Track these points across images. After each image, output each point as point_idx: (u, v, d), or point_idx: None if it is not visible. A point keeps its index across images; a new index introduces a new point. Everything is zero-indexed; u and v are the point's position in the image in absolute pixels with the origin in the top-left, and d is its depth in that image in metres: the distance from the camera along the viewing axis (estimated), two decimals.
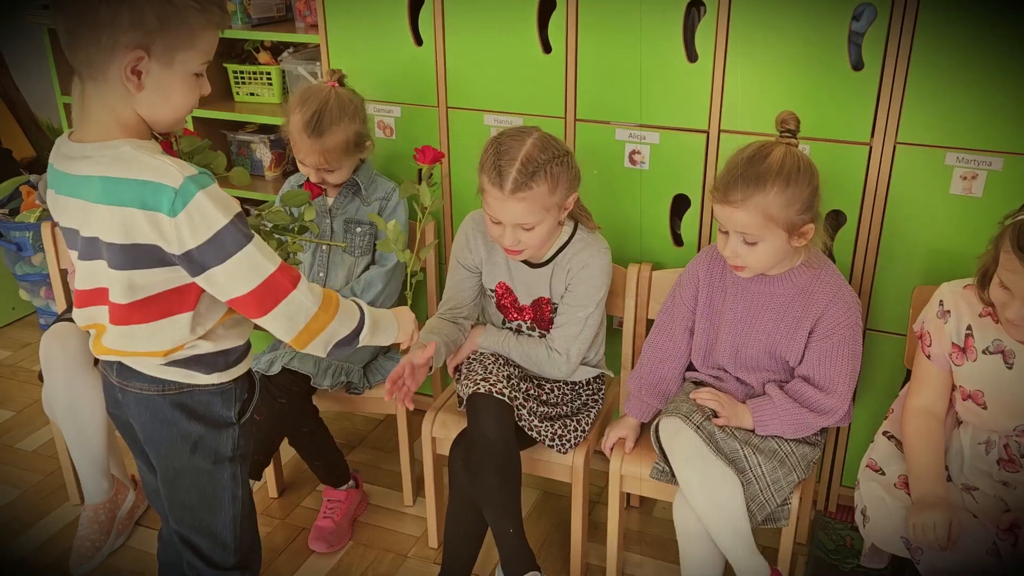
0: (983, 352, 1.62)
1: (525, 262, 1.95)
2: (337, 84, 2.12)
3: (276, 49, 2.86)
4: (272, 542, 2.23)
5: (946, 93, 1.83)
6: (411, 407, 1.89)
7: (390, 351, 2.27)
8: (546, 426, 1.90)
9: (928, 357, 1.70)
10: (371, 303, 2.17)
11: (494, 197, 1.78)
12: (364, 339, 1.42)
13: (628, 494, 2.02)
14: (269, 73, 2.79)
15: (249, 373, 1.50)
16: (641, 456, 1.92)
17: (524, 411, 1.87)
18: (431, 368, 1.90)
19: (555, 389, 1.99)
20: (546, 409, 1.93)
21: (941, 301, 1.69)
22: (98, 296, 1.34)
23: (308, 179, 2.16)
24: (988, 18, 1.75)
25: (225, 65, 2.81)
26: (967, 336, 1.64)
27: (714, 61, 1.98)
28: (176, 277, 1.29)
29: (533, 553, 1.87)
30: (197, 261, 1.25)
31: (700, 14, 1.99)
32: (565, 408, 1.98)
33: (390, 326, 1.50)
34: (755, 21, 1.92)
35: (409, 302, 1.84)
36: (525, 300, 1.99)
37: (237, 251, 1.25)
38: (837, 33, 1.86)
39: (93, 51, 1.21)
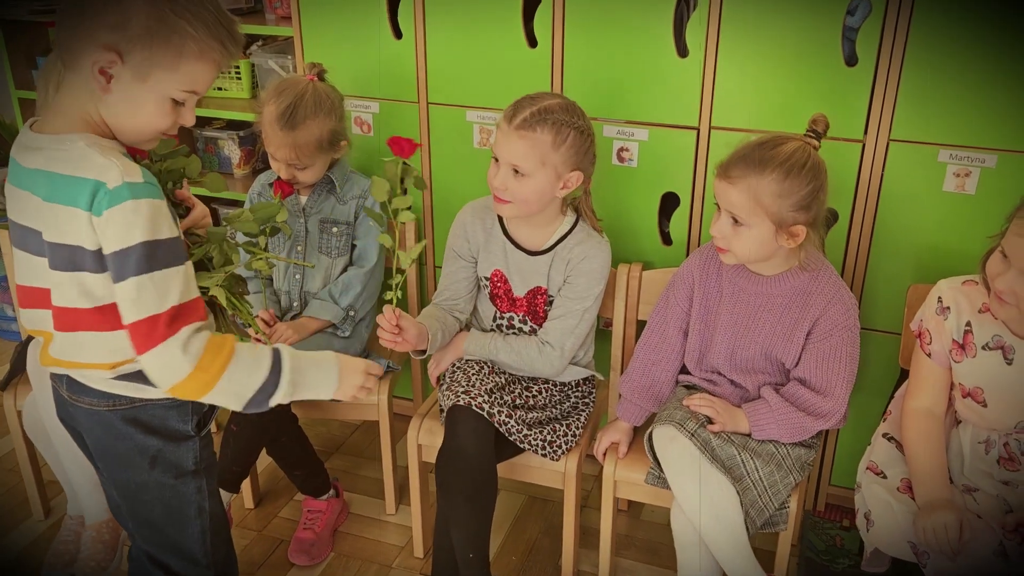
0: (983, 348, 1.61)
1: (524, 249, 1.91)
2: (316, 79, 2.04)
3: (245, 42, 2.76)
4: (249, 556, 2.14)
5: (940, 90, 1.81)
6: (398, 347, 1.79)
7: (371, 355, 2.19)
8: (535, 433, 1.85)
9: (928, 356, 1.68)
10: (350, 306, 2.09)
11: (501, 130, 1.78)
12: (281, 398, 1.28)
13: (617, 498, 1.98)
14: (238, 67, 2.69)
15: None
16: (634, 461, 1.88)
17: (511, 422, 1.81)
18: (425, 352, 1.86)
19: (543, 391, 1.93)
20: (534, 415, 1.87)
21: (940, 298, 1.67)
22: (39, 298, 1.28)
23: (278, 177, 2.07)
24: (983, 15, 1.73)
25: None
26: (966, 332, 1.63)
27: (705, 56, 1.94)
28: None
29: None
30: (111, 269, 1.20)
31: (690, 8, 1.95)
32: (554, 411, 1.93)
33: (325, 378, 1.34)
34: (747, 15, 1.88)
35: (395, 302, 1.76)
36: (519, 291, 1.94)
37: (131, 276, 1.18)
38: (831, 28, 1.83)
39: (72, 36, 1.18)
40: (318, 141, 2.00)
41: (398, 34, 2.20)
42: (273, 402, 1.28)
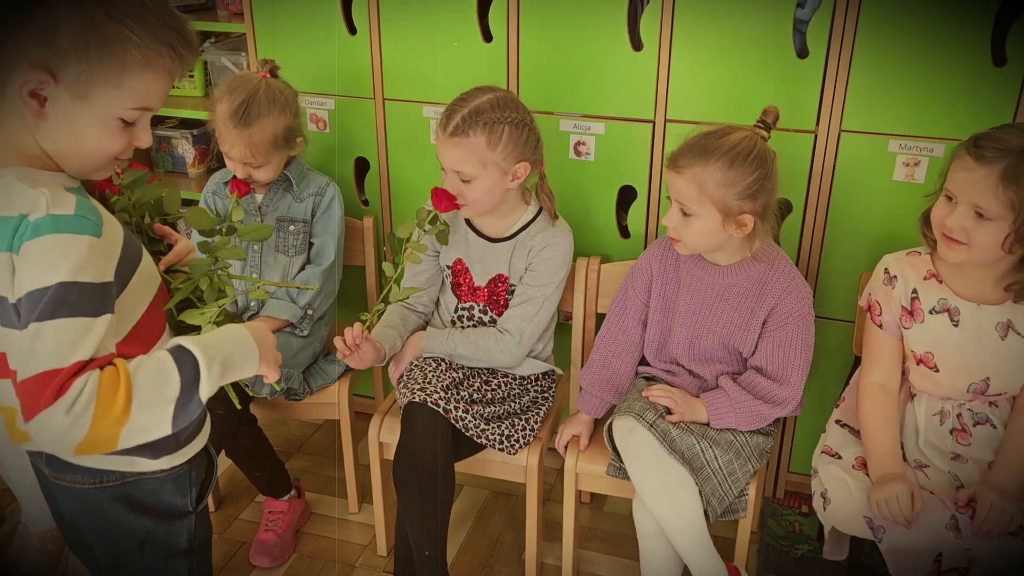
0: (930, 312, 1.66)
1: (485, 237, 1.91)
2: (269, 75, 2.01)
3: (198, 43, 2.72)
4: None
5: (889, 81, 1.84)
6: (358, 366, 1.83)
7: (331, 354, 2.18)
8: (493, 428, 1.85)
9: (880, 327, 1.72)
10: (308, 304, 2.08)
11: (439, 139, 1.79)
12: (207, 395, 1.08)
13: (579, 490, 1.99)
14: None
15: (206, 448, 1.30)
16: (596, 453, 1.89)
17: (468, 418, 1.81)
18: (385, 357, 1.88)
19: (502, 385, 1.93)
20: (492, 409, 1.87)
21: (886, 269, 1.72)
22: None
23: (234, 176, 2.05)
24: (929, 7, 1.76)
25: None
26: (913, 299, 1.68)
27: (659, 49, 1.96)
28: None
29: None
30: (17, 314, 1.00)
31: (644, 1, 1.96)
32: (513, 405, 1.93)
33: (246, 359, 1.16)
34: (700, 9, 1.90)
35: (367, 324, 1.76)
36: (480, 280, 1.94)
37: (30, 321, 0.98)
38: (782, 21, 1.86)
39: None
40: (273, 138, 1.98)
41: (352, 30, 2.18)
42: (203, 395, 1.08)
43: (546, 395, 2.01)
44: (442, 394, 1.80)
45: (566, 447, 1.91)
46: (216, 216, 1.79)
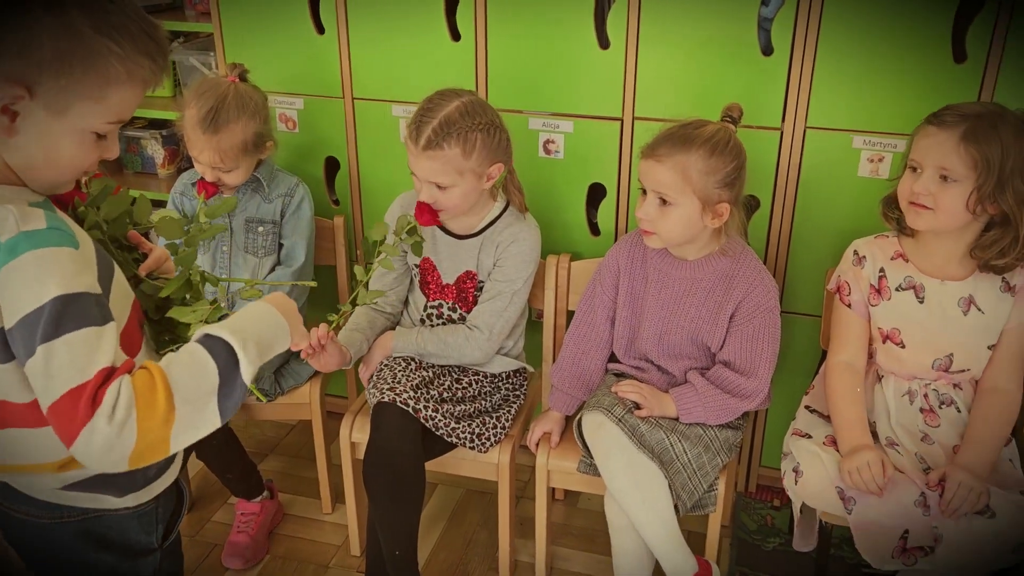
0: (896, 290, 1.71)
1: (452, 234, 1.91)
2: (238, 80, 2.00)
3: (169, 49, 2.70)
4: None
5: (852, 78, 1.86)
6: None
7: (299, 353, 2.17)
8: (463, 427, 1.85)
9: (849, 307, 1.76)
10: None
11: (410, 151, 1.78)
12: (251, 377, 1.05)
13: (553, 488, 1.99)
14: None
15: (176, 482, 1.24)
16: (567, 450, 1.89)
17: (438, 417, 1.81)
18: (351, 360, 1.88)
19: (473, 383, 1.93)
20: (463, 407, 1.87)
21: (855, 251, 1.77)
22: None
23: (202, 177, 2.03)
24: (892, 4, 1.78)
25: None
26: (881, 277, 1.73)
27: (626, 48, 1.97)
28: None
29: None
30: (18, 345, 0.96)
31: (611, 0, 1.97)
32: (484, 403, 1.93)
33: (277, 333, 1.12)
34: (666, 7, 1.91)
35: (334, 325, 1.75)
36: (449, 278, 1.94)
37: (40, 343, 0.94)
38: (747, 18, 1.87)
39: None
40: (243, 144, 1.97)
41: (320, 29, 2.18)
42: (246, 378, 1.03)
43: (517, 392, 2.01)
44: (412, 393, 1.80)
45: (537, 444, 1.92)
46: (184, 218, 1.78)
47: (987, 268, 1.64)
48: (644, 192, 1.73)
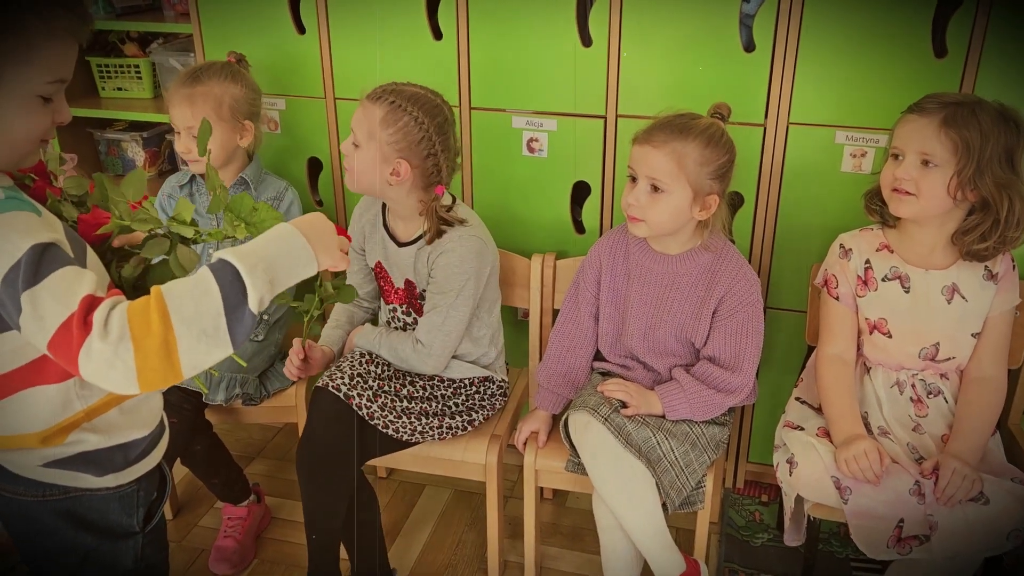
0: (882, 280, 1.73)
1: (394, 239, 1.89)
2: (234, 62, 2.02)
3: (144, 40, 2.68)
4: (170, 568, 2.09)
5: (834, 74, 1.86)
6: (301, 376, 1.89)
7: (287, 356, 2.15)
8: (404, 422, 1.82)
9: (837, 299, 1.77)
10: (263, 310, 2.05)
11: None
12: (258, 302, 1.00)
13: (541, 487, 1.99)
14: (138, 66, 2.60)
15: (159, 466, 1.25)
16: (555, 449, 1.89)
17: (373, 407, 1.79)
18: (335, 357, 1.93)
19: (428, 386, 1.90)
20: (407, 404, 1.84)
21: (841, 244, 1.80)
22: None
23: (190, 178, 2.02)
24: (872, 0, 1.79)
25: (88, 59, 2.61)
26: (867, 269, 1.75)
27: (609, 45, 1.96)
28: (21, 346, 1.05)
29: (334, 566, 1.87)
30: (5, 311, 0.98)
31: None
32: (437, 405, 1.88)
33: (297, 258, 1.06)
34: (648, 4, 1.91)
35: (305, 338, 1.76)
36: (398, 282, 1.93)
37: (23, 293, 0.97)
38: (728, 15, 1.87)
39: None
40: (216, 104, 1.93)
41: (301, 29, 2.16)
42: (255, 307, 0.99)
43: (484, 403, 1.95)
44: (347, 381, 1.79)
45: (525, 444, 1.91)
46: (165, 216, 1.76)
47: (970, 255, 1.66)
48: (633, 180, 1.72)
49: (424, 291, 1.88)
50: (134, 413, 1.17)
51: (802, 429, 1.76)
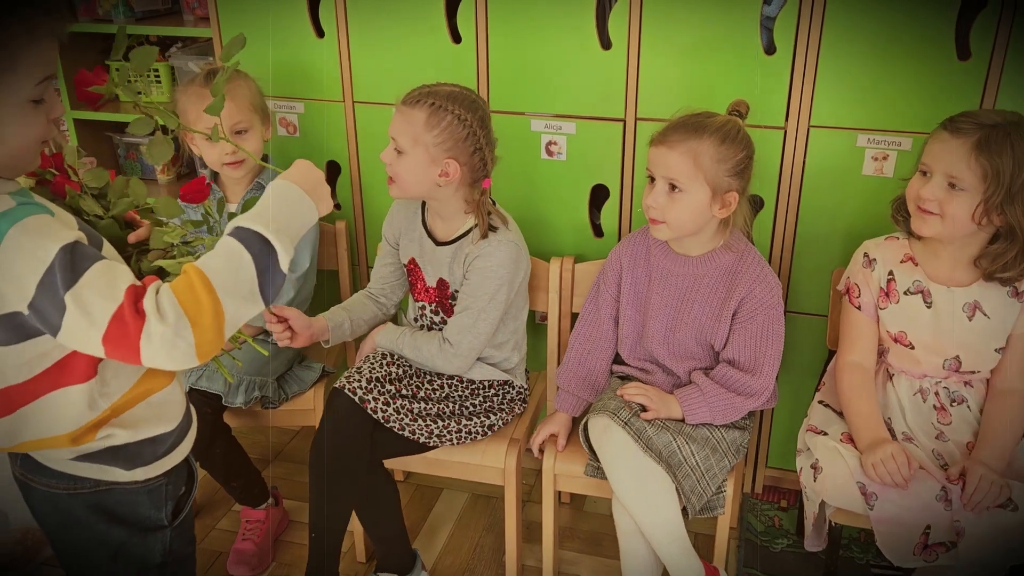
0: (904, 293, 1.71)
1: (434, 239, 1.90)
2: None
3: (163, 44, 2.70)
4: None
5: (856, 76, 1.85)
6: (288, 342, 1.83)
7: (306, 360, 2.16)
8: (420, 424, 1.82)
9: (858, 308, 1.76)
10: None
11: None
12: (286, 257, 1.08)
13: (559, 491, 1.98)
14: (157, 70, 2.62)
15: (187, 461, 1.27)
16: (573, 453, 1.88)
17: (389, 410, 1.79)
18: (328, 342, 1.90)
19: (446, 386, 1.91)
20: (425, 406, 1.84)
21: (866, 253, 1.77)
22: None
23: (207, 177, 2.02)
24: (894, 2, 1.77)
25: (108, 63, 2.62)
26: (889, 281, 1.73)
27: (628, 48, 1.96)
28: (48, 351, 1.06)
29: (333, 567, 1.86)
30: (44, 316, 1.00)
31: (612, 0, 1.96)
32: (454, 406, 1.88)
33: (304, 212, 1.14)
34: (668, 6, 1.90)
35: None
36: (431, 280, 1.92)
37: (65, 295, 0.99)
38: (749, 18, 1.86)
39: None
40: (251, 95, 1.97)
41: (320, 33, 2.17)
42: (284, 267, 1.08)
43: (503, 405, 1.95)
44: (364, 385, 1.79)
45: (541, 448, 1.90)
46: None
47: (992, 279, 1.63)
48: (652, 180, 1.72)
49: (456, 291, 1.88)
50: (160, 407, 1.18)
51: (825, 434, 1.74)
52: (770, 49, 1.88)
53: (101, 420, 1.13)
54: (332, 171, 2.32)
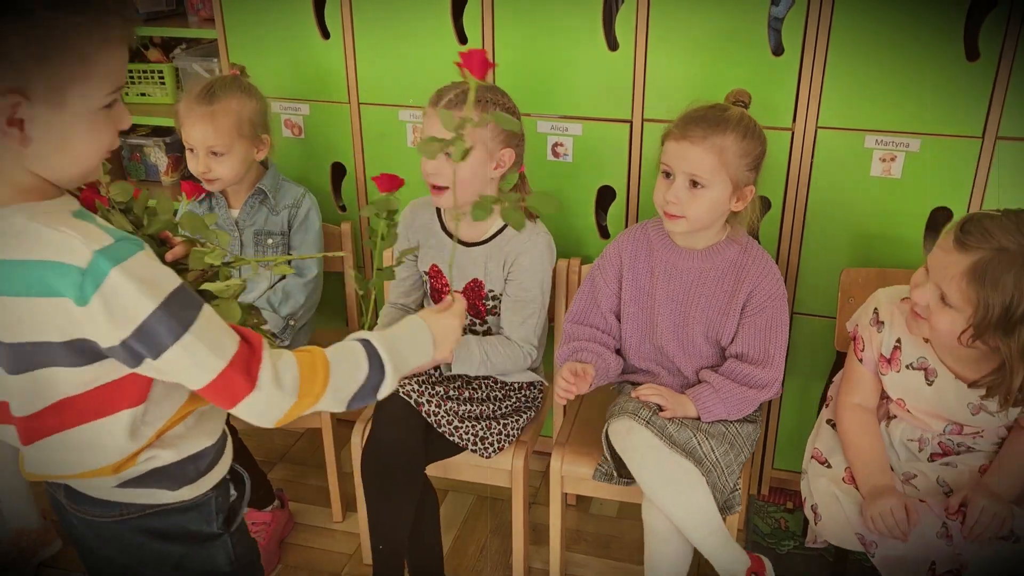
0: (907, 367, 1.64)
1: (462, 241, 1.88)
2: (239, 73, 2.02)
3: (167, 46, 2.69)
4: None
5: (864, 77, 1.85)
6: None
7: None
8: (467, 427, 1.82)
9: (860, 360, 1.71)
10: (291, 315, 2.05)
11: (427, 115, 1.78)
12: (387, 391, 1.15)
13: (565, 493, 1.97)
14: (161, 71, 2.61)
15: (232, 468, 1.26)
16: (581, 454, 1.87)
17: (440, 413, 1.79)
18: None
19: (483, 386, 1.91)
20: (469, 408, 1.84)
21: (876, 310, 1.69)
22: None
23: (188, 177, 2.01)
24: (903, 2, 1.77)
25: None
26: (895, 348, 1.65)
27: (635, 49, 1.95)
28: (104, 373, 1.04)
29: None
30: (133, 352, 0.99)
31: (619, 1, 1.95)
32: (491, 408, 1.89)
33: (421, 355, 1.22)
34: (675, 7, 1.90)
35: (367, 325, 1.72)
36: (457, 285, 1.91)
37: (172, 343, 0.98)
38: (756, 19, 1.86)
39: None
40: (237, 121, 1.94)
41: (325, 34, 2.16)
42: (381, 395, 1.15)
43: (529, 404, 1.97)
44: (416, 387, 1.78)
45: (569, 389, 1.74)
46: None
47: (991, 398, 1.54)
48: (666, 176, 1.69)
49: (492, 291, 1.88)
50: (200, 424, 1.16)
51: (829, 466, 1.69)
52: (778, 50, 1.88)
53: (144, 447, 1.11)
54: (337, 173, 2.31)
